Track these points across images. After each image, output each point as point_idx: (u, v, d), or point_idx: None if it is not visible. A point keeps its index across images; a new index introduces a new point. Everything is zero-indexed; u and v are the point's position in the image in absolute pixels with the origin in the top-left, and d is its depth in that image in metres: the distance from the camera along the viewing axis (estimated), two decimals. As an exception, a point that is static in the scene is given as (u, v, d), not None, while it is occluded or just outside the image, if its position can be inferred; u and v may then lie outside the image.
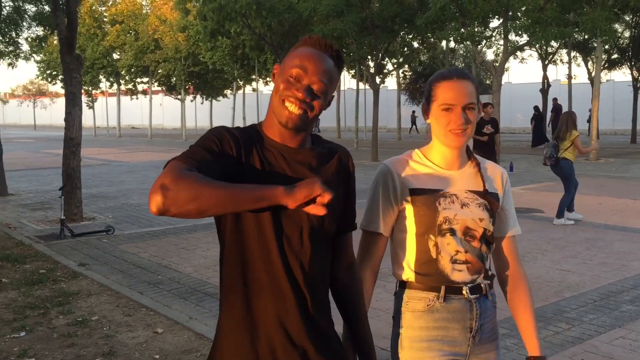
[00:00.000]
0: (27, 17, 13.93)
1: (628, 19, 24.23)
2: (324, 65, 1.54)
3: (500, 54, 21.36)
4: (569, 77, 27.27)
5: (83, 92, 22.66)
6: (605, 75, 32.01)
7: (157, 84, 37.49)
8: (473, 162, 1.88)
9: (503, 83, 21.68)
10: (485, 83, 34.45)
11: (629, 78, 26.74)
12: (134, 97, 40.06)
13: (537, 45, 25.23)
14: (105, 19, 36.03)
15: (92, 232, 8.26)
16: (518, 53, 28.23)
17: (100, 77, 37.51)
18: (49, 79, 38.59)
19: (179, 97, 36.05)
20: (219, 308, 1.60)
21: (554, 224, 8.41)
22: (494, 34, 20.03)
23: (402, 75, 34.76)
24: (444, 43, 26.37)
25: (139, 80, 37.90)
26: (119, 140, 35.04)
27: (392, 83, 40.38)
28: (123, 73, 36.10)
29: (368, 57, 22.46)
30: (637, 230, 7.98)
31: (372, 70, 21.08)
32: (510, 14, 18.10)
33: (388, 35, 19.70)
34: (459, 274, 1.79)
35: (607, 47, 23.71)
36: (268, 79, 36.16)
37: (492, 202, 1.83)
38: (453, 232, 1.78)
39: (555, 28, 16.10)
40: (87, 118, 31.69)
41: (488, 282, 1.86)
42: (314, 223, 1.55)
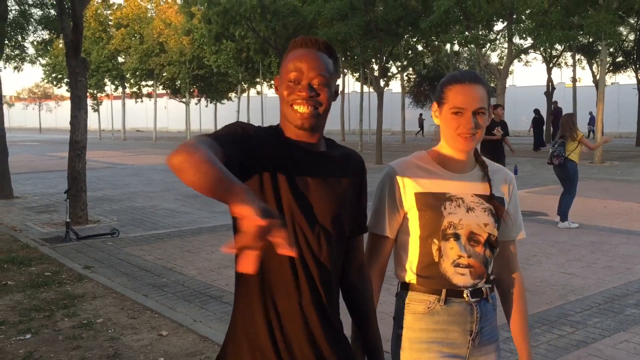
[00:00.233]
0: (33, 21, 14.01)
1: (633, 22, 24.19)
2: (317, 60, 1.57)
3: (505, 57, 21.39)
4: (574, 80, 27.25)
5: (88, 95, 22.75)
6: (610, 78, 32.05)
7: (161, 87, 37.60)
8: (481, 165, 1.87)
9: (507, 86, 21.69)
10: (490, 86, 34.32)
11: (634, 81, 26.70)
12: (139, 100, 40.23)
13: (541, 48, 25.23)
14: (111, 23, 36.18)
15: (97, 234, 8.29)
16: (522, 56, 28.25)
17: (106, 80, 37.63)
18: (55, 82, 38.70)
19: (184, 100, 36.16)
20: (234, 302, 1.63)
21: (559, 227, 8.40)
22: (498, 37, 20.03)
23: (406, 78, 34.76)
24: (448, 46, 26.37)
25: (144, 84, 38.04)
26: (124, 143, 35.12)
27: (396, 86, 40.34)
28: (128, 76, 36.22)
29: (372, 60, 22.50)
30: (642, 234, 7.96)
31: (376, 73, 21.09)
32: (515, 17, 18.12)
33: (392, 39, 19.72)
34: (461, 278, 1.79)
35: (611, 50, 23.69)
36: (272, 82, 36.21)
37: (497, 206, 1.82)
38: (457, 237, 1.78)
39: (560, 31, 16.11)
40: (92, 121, 31.63)
41: (489, 285, 1.86)
42: (330, 224, 1.58)
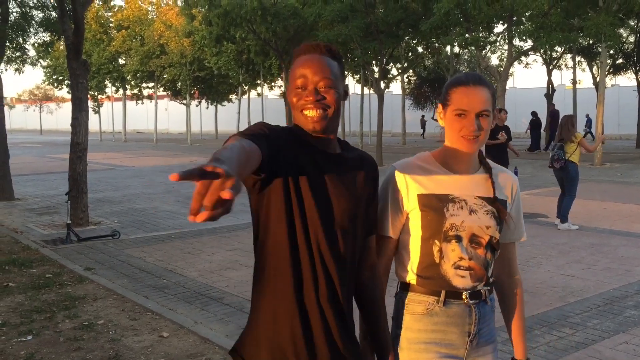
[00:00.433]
0: (34, 23, 14.01)
1: (633, 24, 24.21)
2: (321, 64, 1.60)
3: (505, 59, 21.40)
4: (574, 82, 27.22)
5: (89, 97, 22.76)
6: (610, 80, 32.03)
7: (162, 89, 37.60)
8: (485, 167, 1.88)
9: (507, 88, 21.68)
10: (495, 88, 34.35)
11: (634, 83, 26.70)
12: (140, 102, 40.23)
13: (541, 50, 25.25)
14: (112, 25, 36.16)
15: (98, 236, 8.31)
16: (522, 58, 28.27)
17: (106, 82, 37.60)
18: (56, 84, 38.69)
19: (184, 102, 36.16)
20: (252, 297, 1.66)
21: (559, 229, 8.41)
22: (499, 39, 20.06)
23: (406, 80, 34.77)
24: (449, 48, 26.41)
25: (145, 85, 38.01)
26: (125, 145, 35.12)
27: (396, 88, 40.28)
28: (129, 78, 36.22)
29: (373, 62, 22.48)
30: (641, 236, 7.97)
31: (376, 75, 21.10)
32: (515, 19, 18.15)
33: (392, 41, 19.72)
34: (461, 280, 1.80)
35: (611, 52, 23.70)
36: (273, 84, 36.30)
37: (500, 209, 1.83)
38: (459, 239, 1.79)
39: (560, 33, 16.12)
40: (93, 123, 31.63)
41: (488, 288, 1.88)
42: (348, 224, 1.63)
